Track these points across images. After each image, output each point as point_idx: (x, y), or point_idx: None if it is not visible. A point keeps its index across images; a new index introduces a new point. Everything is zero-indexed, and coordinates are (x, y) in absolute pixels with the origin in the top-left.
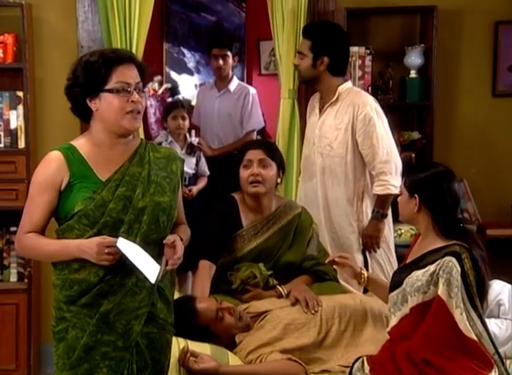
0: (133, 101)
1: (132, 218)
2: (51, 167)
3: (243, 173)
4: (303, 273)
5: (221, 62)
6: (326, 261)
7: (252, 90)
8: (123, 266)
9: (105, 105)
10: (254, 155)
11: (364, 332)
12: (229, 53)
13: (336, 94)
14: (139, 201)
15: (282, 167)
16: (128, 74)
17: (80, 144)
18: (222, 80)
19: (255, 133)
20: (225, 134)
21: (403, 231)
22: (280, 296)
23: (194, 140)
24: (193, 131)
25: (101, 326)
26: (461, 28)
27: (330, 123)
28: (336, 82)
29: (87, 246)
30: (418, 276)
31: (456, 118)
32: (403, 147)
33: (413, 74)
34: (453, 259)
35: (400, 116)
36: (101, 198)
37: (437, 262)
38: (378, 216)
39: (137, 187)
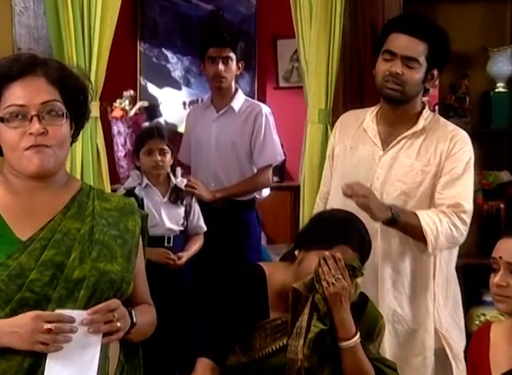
0: (31, 134)
1: (63, 294)
2: None
3: None
4: None
5: (221, 66)
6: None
7: (265, 109)
8: None
9: (1, 138)
10: None
11: None
12: (231, 54)
13: (421, 122)
14: (74, 270)
15: None
16: (23, 92)
17: None
18: (221, 95)
19: (271, 170)
20: (226, 173)
21: (488, 318)
22: None
23: (181, 181)
24: (178, 169)
25: None
26: None
27: (410, 162)
28: (420, 105)
29: (16, 324)
30: None
31: None
32: (487, 193)
33: (500, 87)
34: None
35: (483, 149)
36: (19, 265)
37: None
38: (392, 215)
39: (73, 250)
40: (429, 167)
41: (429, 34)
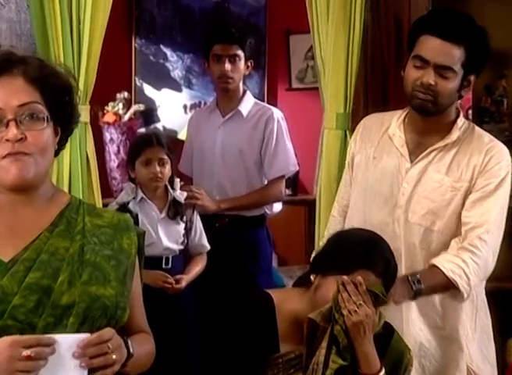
0: (8, 141)
1: (50, 321)
2: None
3: None
4: None
5: (227, 66)
6: None
7: (277, 113)
8: None
9: None
10: None
11: None
12: (239, 52)
13: (454, 133)
14: (63, 295)
15: None
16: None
17: None
18: (228, 98)
19: (284, 181)
20: (233, 185)
21: None
22: None
23: (180, 194)
24: (177, 181)
25: None
26: None
27: (440, 177)
28: (454, 113)
29: None
30: None
31: None
32: None
33: None
34: None
35: None
36: (0, 289)
37: None
38: (412, 288)
39: (61, 272)
40: (460, 183)
41: (467, 37)
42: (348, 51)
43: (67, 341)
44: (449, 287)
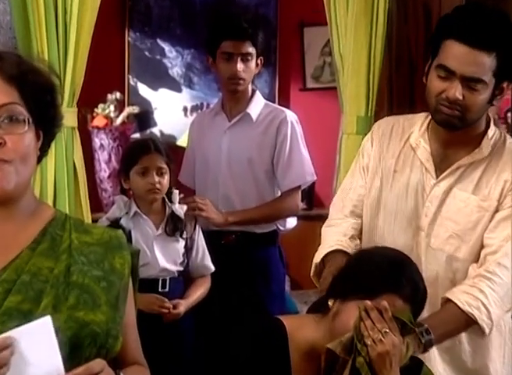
0: None
1: None
2: None
3: None
4: None
5: (239, 66)
6: None
7: (291, 116)
8: None
9: None
10: None
11: None
12: (252, 50)
13: (485, 147)
14: None
15: None
16: None
17: None
18: (235, 99)
19: (299, 193)
20: (241, 197)
21: None
22: None
23: (179, 208)
24: (176, 193)
25: None
26: None
27: (465, 196)
28: (484, 123)
29: None
30: None
31: None
32: None
33: None
34: None
35: None
36: None
37: None
38: (421, 341)
39: (45, 295)
40: (488, 202)
41: (499, 42)
42: (370, 46)
43: (27, 333)
44: (468, 323)
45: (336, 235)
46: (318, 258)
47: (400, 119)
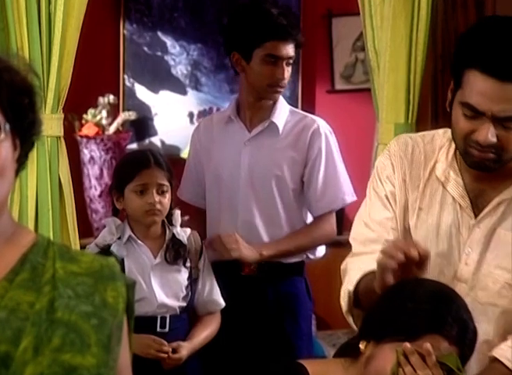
0: None
1: None
2: None
3: None
4: None
5: (287, 72)
6: None
7: (323, 126)
8: None
9: None
10: None
11: None
12: (293, 54)
13: None
14: (26, 365)
15: None
16: None
17: None
18: (258, 107)
19: (334, 215)
20: (267, 222)
21: None
22: None
23: (181, 232)
24: (177, 213)
25: None
26: None
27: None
28: None
29: None
30: None
31: None
32: None
33: None
34: None
35: None
36: None
37: None
38: None
39: (24, 335)
40: None
41: None
42: (411, 40)
43: None
44: None
45: (367, 260)
46: (349, 285)
47: (418, 141)
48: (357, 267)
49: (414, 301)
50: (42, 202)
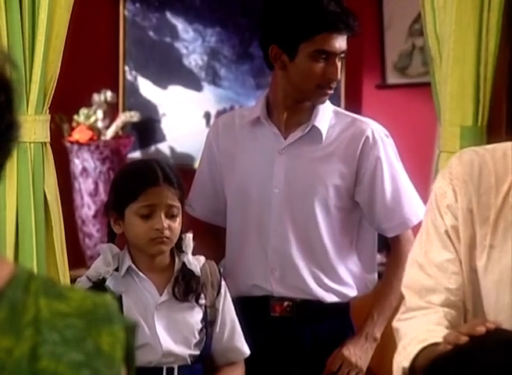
0: None
1: None
2: None
3: None
4: None
5: (339, 68)
6: None
7: (378, 129)
8: None
9: None
10: None
11: None
12: (345, 44)
13: None
14: None
15: None
16: None
17: None
18: (298, 109)
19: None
20: (305, 250)
21: None
22: None
23: (193, 260)
24: (189, 238)
25: None
26: None
27: None
28: None
29: None
30: None
31: None
32: None
33: None
34: None
35: None
36: None
37: None
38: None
39: None
40: None
41: None
42: (481, 24)
43: None
44: None
45: (424, 325)
46: (405, 360)
47: (486, 158)
48: (412, 335)
49: (489, 359)
50: (24, 225)
